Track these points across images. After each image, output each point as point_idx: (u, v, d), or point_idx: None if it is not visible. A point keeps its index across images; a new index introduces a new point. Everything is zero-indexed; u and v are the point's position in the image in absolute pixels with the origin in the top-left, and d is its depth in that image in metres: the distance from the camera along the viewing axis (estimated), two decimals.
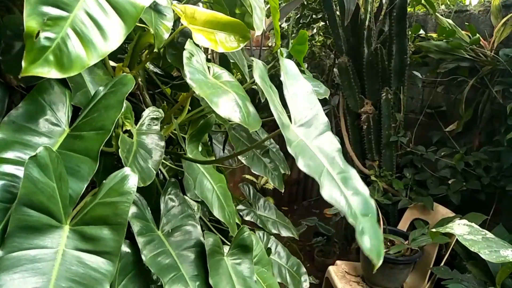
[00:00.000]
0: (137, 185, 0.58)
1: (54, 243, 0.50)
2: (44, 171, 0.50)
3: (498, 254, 0.98)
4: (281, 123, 0.62)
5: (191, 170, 0.87)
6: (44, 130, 0.59)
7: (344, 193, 0.59)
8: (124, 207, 0.55)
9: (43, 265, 0.48)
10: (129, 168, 0.59)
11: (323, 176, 0.59)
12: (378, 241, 0.55)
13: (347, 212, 0.56)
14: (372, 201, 0.61)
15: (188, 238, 0.77)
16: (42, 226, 0.50)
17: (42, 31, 0.49)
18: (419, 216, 2.18)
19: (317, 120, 0.71)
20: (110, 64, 0.78)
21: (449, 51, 2.13)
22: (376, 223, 0.58)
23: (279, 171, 1.29)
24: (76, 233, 0.52)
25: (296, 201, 3.65)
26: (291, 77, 0.74)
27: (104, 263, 0.52)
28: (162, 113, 0.79)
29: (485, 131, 2.15)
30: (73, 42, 0.52)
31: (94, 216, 0.54)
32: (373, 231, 0.56)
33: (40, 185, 0.49)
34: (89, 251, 0.52)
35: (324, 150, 0.66)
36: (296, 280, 1.24)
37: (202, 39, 0.76)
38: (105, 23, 0.55)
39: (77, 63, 0.51)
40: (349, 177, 0.63)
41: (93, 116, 0.61)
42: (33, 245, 0.48)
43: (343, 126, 2.57)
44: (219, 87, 0.70)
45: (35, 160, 0.49)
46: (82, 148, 0.58)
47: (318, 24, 2.91)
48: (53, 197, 0.50)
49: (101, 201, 0.55)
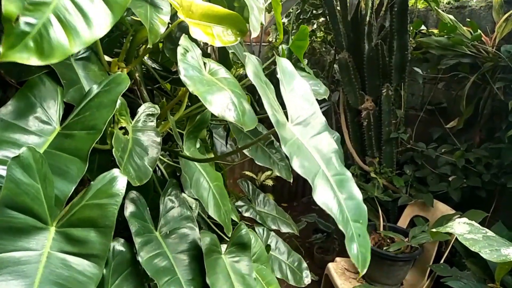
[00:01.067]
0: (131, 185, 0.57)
1: (39, 245, 0.49)
2: (27, 171, 0.48)
3: (499, 253, 0.97)
4: (276, 121, 0.61)
5: (187, 168, 0.86)
6: (34, 129, 0.58)
7: (337, 196, 0.58)
8: (112, 210, 0.53)
9: (27, 267, 0.47)
10: (118, 170, 0.58)
11: (317, 177, 0.58)
12: (366, 250, 0.56)
13: (338, 218, 0.56)
14: (364, 207, 0.61)
15: (185, 241, 0.76)
16: (26, 228, 0.49)
17: (22, 16, 0.47)
18: (419, 213, 2.17)
19: (314, 119, 0.70)
20: (105, 59, 0.77)
21: (450, 47, 2.11)
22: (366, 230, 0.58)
23: (286, 162, 1.24)
24: (62, 235, 0.51)
25: (296, 198, 3.65)
26: (288, 75, 0.73)
27: (90, 266, 0.50)
28: (158, 109, 0.78)
29: (486, 128, 2.14)
30: (55, 29, 0.50)
31: (81, 218, 0.53)
32: (362, 239, 0.56)
33: (23, 186, 0.48)
34: (75, 253, 0.51)
35: (321, 150, 0.64)
36: (298, 276, 1.24)
37: (199, 33, 0.75)
38: (90, 10, 0.53)
39: (59, 50, 0.50)
40: (345, 180, 0.62)
41: (85, 115, 0.60)
42: (18, 247, 0.47)
43: (343, 123, 2.56)
44: (214, 84, 0.69)
45: (18, 161, 0.48)
46: (72, 147, 0.57)
47: (319, 20, 2.89)
48: (37, 198, 0.49)
49: (88, 202, 0.54)
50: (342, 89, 2.50)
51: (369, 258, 0.56)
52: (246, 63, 0.69)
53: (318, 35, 3.06)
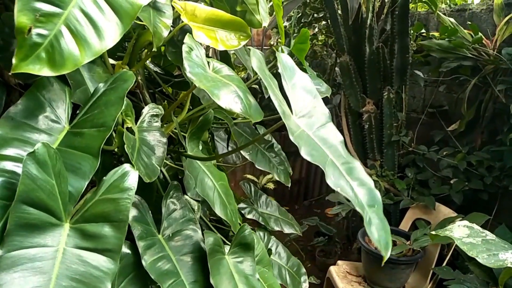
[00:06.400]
0: (142, 181, 0.57)
1: (55, 241, 0.49)
2: (42, 167, 0.49)
3: (497, 258, 0.96)
4: (282, 112, 0.62)
5: (192, 168, 0.87)
6: (44, 127, 0.59)
7: (349, 183, 0.57)
8: (125, 204, 0.54)
9: (43, 263, 0.47)
10: (128, 165, 0.58)
11: (328, 165, 0.57)
12: (386, 232, 0.55)
13: (353, 201, 0.55)
14: (377, 192, 0.60)
15: (189, 243, 0.76)
16: (42, 224, 0.49)
17: (34, 28, 0.49)
18: (421, 216, 2.17)
19: (317, 111, 0.70)
20: (109, 62, 0.78)
21: (451, 50, 2.12)
22: (383, 214, 0.57)
23: (285, 166, 1.25)
24: (76, 231, 0.52)
25: (298, 201, 3.64)
26: (289, 70, 0.74)
27: (105, 261, 0.51)
28: (162, 109, 0.78)
29: (488, 131, 2.14)
30: (66, 40, 0.51)
31: (94, 213, 0.53)
32: (379, 222, 0.55)
33: (39, 182, 0.48)
34: (90, 249, 0.51)
35: (327, 141, 0.64)
36: (296, 281, 1.23)
37: (202, 37, 0.76)
38: (100, 21, 0.54)
39: (70, 61, 0.51)
40: (354, 168, 0.62)
41: (93, 113, 0.61)
42: (33, 243, 0.48)
43: (344, 126, 2.56)
44: (219, 80, 0.70)
45: (33, 157, 0.49)
46: (83, 145, 0.57)
47: (320, 23, 2.90)
48: (52, 194, 0.50)
49: (101, 197, 0.54)
50: (343, 92, 2.51)
51: (391, 241, 0.55)
52: (251, 56, 0.70)
53: (320, 39, 3.07)
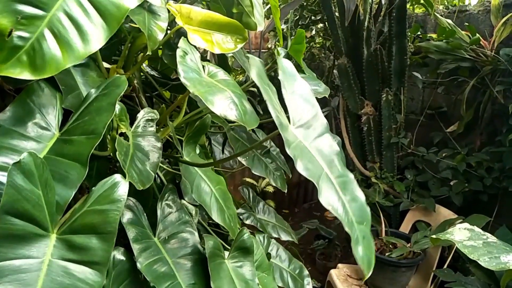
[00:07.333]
0: (133, 190, 0.56)
1: (40, 252, 0.48)
2: (28, 178, 0.48)
3: (499, 261, 0.95)
4: (280, 123, 0.61)
5: (188, 174, 0.85)
6: (33, 135, 0.57)
7: (342, 199, 0.58)
8: (114, 215, 0.53)
9: (27, 275, 0.46)
10: (119, 175, 0.57)
11: (321, 180, 0.58)
12: (370, 251, 0.56)
13: (344, 219, 0.56)
14: (368, 208, 0.61)
15: (185, 246, 0.75)
16: (27, 235, 0.48)
17: (15, 30, 0.48)
18: (421, 218, 2.16)
19: (316, 121, 0.69)
20: (104, 66, 0.77)
21: (449, 52, 2.11)
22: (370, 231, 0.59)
23: (281, 171, 1.26)
24: (63, 242, 0.50)
25: (297, 204, 3.63)
26: (289, 77, 0.73)
27: (91, 273, 0.50)
28: (157, 114, 0.77)
29: (487, 132, 2.14)
30: (49, 43, 0.50)
31: (82, 224, 0.52)
32: (366, 241, 0.57)
33: (24, 193, 0.47)
34: (77, 261, 0.50)
35: (323, 153, 0.64)
36: (299, 283, 1.22)
37: (198, 40, 0.74)
38: (86, 24, 0.53)
39: (52, 65, 0.50)
40: (348, 182, 0.62)
41: (84, 120, 0.60)
42: (18, 254, 0.46)
43: (343, 128, 2.56)
44: (214, 85, 0.69)
45: (19, 167, 0.47)
46: (71, 153, 0.56)
47: (317, 26, 2.90)
48: (38, 205, 0.48)
49: (90, 208, 0.53)
50: (341, 95, 2.50)
51: (374, 260, 0.56)
52: (250, 64, 0.69)
53: (317, 41, 3.07)
